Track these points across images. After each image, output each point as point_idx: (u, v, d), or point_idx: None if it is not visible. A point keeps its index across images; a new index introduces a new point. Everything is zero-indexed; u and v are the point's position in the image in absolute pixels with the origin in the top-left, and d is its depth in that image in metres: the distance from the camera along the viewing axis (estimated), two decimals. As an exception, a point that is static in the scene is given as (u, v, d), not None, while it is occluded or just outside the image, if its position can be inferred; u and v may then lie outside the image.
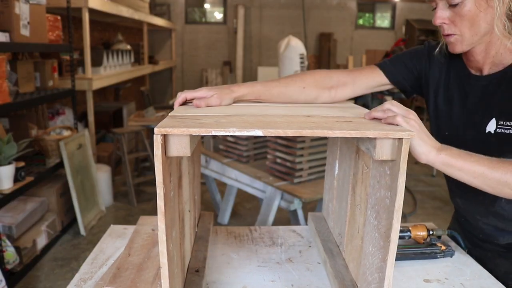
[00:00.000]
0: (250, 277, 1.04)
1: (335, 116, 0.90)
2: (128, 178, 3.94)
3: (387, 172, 0.77)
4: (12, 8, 2.65)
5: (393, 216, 0.73)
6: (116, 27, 6.42)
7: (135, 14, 5.11)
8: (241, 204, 3.93)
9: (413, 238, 1.17)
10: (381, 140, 0.74)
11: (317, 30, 8.65)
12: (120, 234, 1.28)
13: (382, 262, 0.77)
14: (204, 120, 0.77)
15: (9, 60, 3.06)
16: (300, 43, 4.73)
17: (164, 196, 0.69)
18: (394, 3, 8.91)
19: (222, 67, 8.49)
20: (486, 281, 1.05)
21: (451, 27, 0.97)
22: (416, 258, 1.13)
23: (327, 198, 1.25)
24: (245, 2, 8.33)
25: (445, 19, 0.97)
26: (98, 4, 3.79)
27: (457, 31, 0.96)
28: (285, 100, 1.09)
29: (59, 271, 2.76)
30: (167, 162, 0.71)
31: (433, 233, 1.18)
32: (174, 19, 8.29)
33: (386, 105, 0.83)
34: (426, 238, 1.17)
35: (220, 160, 2.95)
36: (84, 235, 3.26)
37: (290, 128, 0.72)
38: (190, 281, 0.92)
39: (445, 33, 0.99)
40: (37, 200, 3.05)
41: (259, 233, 1.29)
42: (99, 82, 3.97)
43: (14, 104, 2.69)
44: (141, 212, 3.77)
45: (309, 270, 1.08)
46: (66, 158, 3.16)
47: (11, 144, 2.52)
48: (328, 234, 1.17)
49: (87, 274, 1.05)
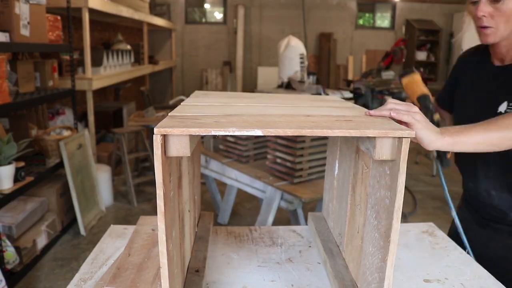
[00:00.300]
0: (250, 277, 1.04)
1: (334, 115, 0.90)
2: (128, 178, 3.94)
3: (387, 172, 0.77)
4: (12, 8, 2.65)
5: (393, 216, 0.73)
6: (116, 27, 6.42)
7: (135, 14, 5.11)
8: (241, 204, 3.93)
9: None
10: (381, 140, 0.74)
11: (317, 30, 8.65)
12: (120, 234, 1.28)
13: (382, 262, 0.77)
14: (204, 120, 0.77)
15: (9, 60, 3.06)
16: (300, 43, 4.73)
17: (164, 196, 0.68)
18: (394, 3, 8.91)
19: (222, 67, 8.49)
20: (486, 281, 1.05)
21: (489, 20, 1.12)
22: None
23: (327, 198, 1.25)
24: (245, 2, 8.33)
25: (486, 12, 1.12)
26: (98, 4, 3.79)
27: (494, 24, 1.12)
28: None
29: (59, 271, 2.76)
30: (167, 162, 0.71)
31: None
32: (174, 19, 8.29)
33: (390, 104, 0.91)
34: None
35: (220, 160, 2.95)
36: (84, 235, 3.26)
37: (290, 127, 0.72)
38: (190, 281, 0.92)
39: (484, 24, 1.14)
40: (37, 200, 3.05)
41: (259, 233, 1.29)
42: (99, 82, 3.97)
43: (14, 104, 2.69)
44: (141, 212, 3.77)
45: (309, 270, 1.08)
46: (66, 158, 3.16)
47: (11, 144, 2.52)
48: (328, 234, 1.17)
49: (87, 274, 1.05)
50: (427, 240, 1.28)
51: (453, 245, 1.25)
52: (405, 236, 1.30)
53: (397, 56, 5.20)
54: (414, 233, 1.33)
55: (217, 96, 1.24)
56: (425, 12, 8.94)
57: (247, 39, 8.46)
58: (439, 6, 8.93)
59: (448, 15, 8.99)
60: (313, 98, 1.32)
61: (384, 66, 5.30)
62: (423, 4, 8.89)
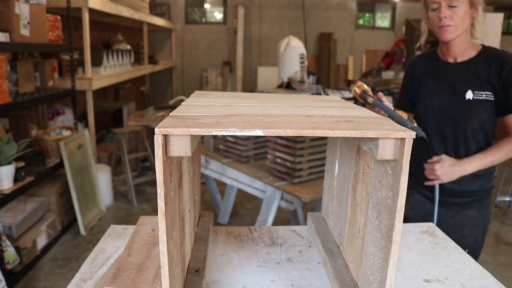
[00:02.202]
0: (250, 277, 1.04)
1: (335, 116, 0.90)
2: (128, 178, 3.94)
3: (389, 172, 0.77)
4: (12, 8, 2.65)
5: (395, 216, 0.73)
6: (116, 27, 6.42)
7: (135, 14, 5.11)
8: (241, 204, 3.93)
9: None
10: (384, 140, 0.74)
11: (317, 30, 8.65)
12: (120, 234, 1.27)
13: (383, 262, 0.77)
14: (204, 120, 0.77)
15: (9, 60, 3.05)
16: (300, 43, 4.73)
17: (165, 196, 0.68)
18: (394, 3, 8.91)
19: (222, 67, 8.49)
20: (486, 281, 1.05)
21: (449, 20, 1.45)
22: None
23: (327, 198, 1.25)
24: (245, 2, 8.33)
25: (447, 14, 1.45)
26: (98, 4, 3.79)
27: (453, 23, 1.45)
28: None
29: (59, 271, 2.76)
30: (167, 162, 0.71)
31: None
32: (174, 19, 8.29)
33: (436, 168, 1.50)
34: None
35: (220, 160, 2.95)
36: (84, 235, 3.26)
37: (291, 128, 0.72)
38: (190, 281, 0.92)
39: (445, 24, 1.45)
40: (37, 200, 3.05)
41: (259, 233, 1.29)
42: (99, 82, 3.97)
43: (14, 104, 2.69)
44: (141, 212, 3.77)
45: (309, 270, 1.08)
46: (66, 158, 3.16)
47: (11, 144, 2.52)
48: (328, 234, 1.17)
49: (87, 274, 1.05)
50: (427, 240, 1.28)
51: (453, 245, 1.25)
52: (405, 236, 1.30)
53: (397, 56, 5.20)
54: (414, 233, 1.33)
55: (218, 96, 1.23)
56: (425, 12, 8.93)
57: (247, 39, 8.46)
58: (439, 6, 8.92)
59: (448, 15, 8.99)
60: (313, 98, 1.32)
61: (384, 66, 5.30)
62: (423, 4, 8.88)
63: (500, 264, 2.98)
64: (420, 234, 1.32)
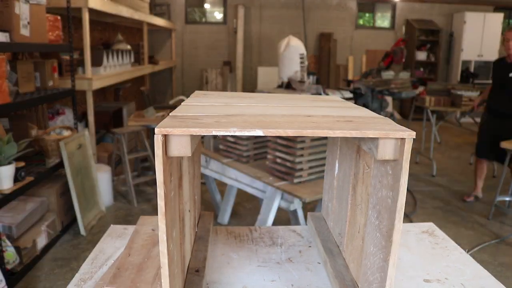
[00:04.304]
0: (250, 277, 1.04)
1: (335, 115, 0.90)
2: (128, 178, 3.94)
3: (389, 171, 0.77)
4: (12, 8, 2.65)
5: (395, 216, 0.73)
6: (116, 27, 6.42)
7: (135, 14, 5.11)
8: (241, 204, 3.93)
9: None
10: (384, 140, 0.74)
11: (317, 30, 8.65)
12: (120, 234, 1.27)
13: (383, 262, 0.77)
14: (204, 120, 0.77)
15: (9, 60, 3.05)
16: (300, 43, 4.73)
17: (165, 196, 0.68)
18: (394, 3, 8.91)
19: (222, 67, 8.49)
20: (486, 281, 1.05)
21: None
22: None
23: (327, 198, 1.25)
24: (245, 2, 8.33)
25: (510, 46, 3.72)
26: (98, 4, 3.79)
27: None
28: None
29: (59, 271, 2.76)
30: (167, 162, 0.71)
31: None
32: (174, 19, 8.29)
33: None
34: None
35: (220, 160, 2.95)
36: (84, 235, 3.26)
37: (291, 128, 0.72)
38: (190, 281, 0.92)
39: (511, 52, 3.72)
40: (37, 200, 3.05)
41: (259, 233, 1.29)
42: (99, 82, 3.97)
43: (14, 104, 2.69)
44: (141, 212, 3.77)
45: (309, 270, 1.08)
46: (66, 158, 3.16)
47: (11, 144, 2.52)
48: (328, 234, 1.17)
49: (87, 274, 1.05)
50: (427, 240, 1.28)
51: (453, 245, 1.25)
52: (405, 236, 1.30)
53: (397, 56, 5.19)
54: (414, 233, 1.33)
55: (218, 96, 1.23)
56: (425, 12, 8.94)
57: (247, 39, 8.46)
58: (439, 6, 8.93)
59: (448, 15, 9.00)
60: (313, 98, 1.32)
61: (384, 66, 5.30)
62: (423, 4, 8.89)
63: (500, 264, 2.98)
64: (420, 234, 1.32)
